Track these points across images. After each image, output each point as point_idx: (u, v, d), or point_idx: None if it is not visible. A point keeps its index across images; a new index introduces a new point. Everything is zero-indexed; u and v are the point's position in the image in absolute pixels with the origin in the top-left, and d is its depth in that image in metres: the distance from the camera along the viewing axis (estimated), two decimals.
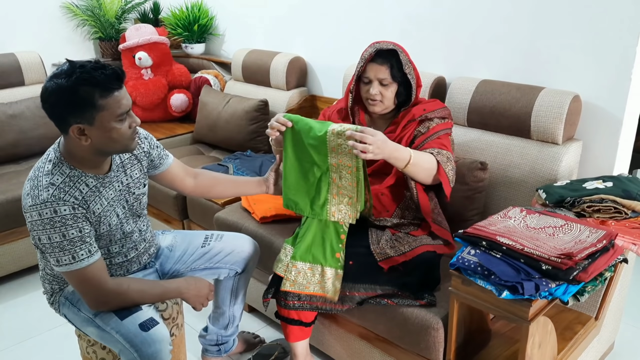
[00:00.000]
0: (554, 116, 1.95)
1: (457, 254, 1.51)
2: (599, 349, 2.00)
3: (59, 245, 1.44)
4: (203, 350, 2.11)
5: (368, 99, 1.90)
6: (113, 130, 1.45)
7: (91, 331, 1.59)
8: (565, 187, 1.77)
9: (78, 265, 1.46)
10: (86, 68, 1.38)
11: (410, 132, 1.90)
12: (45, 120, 3.07)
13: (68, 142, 1.48)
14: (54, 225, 1.42)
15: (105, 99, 1.40)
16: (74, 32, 3.69)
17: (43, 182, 1.45)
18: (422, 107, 1.92)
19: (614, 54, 1.92)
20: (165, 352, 1.53)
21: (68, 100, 1.38)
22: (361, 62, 1.87)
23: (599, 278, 1.49)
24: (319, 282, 1.76)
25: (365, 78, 1.88)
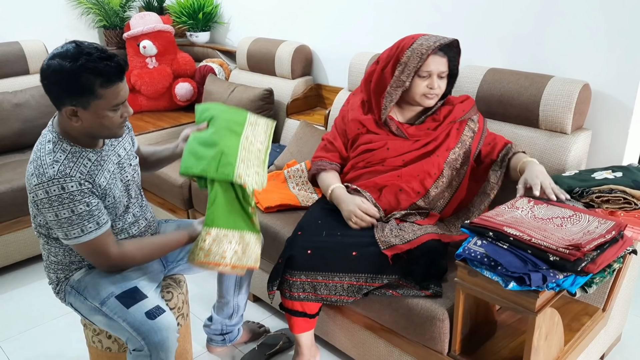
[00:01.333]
0: (563, 105, 1.92)
1: (464, 244, 1.49)
2: (606, 340, 1.98)
3: (68, 220, 1.45)
4: (208, 340, 2.11)
5: (426, 93, 1.86)
6: (105, 117, 1.47)
7: (98, 320, 1.60)
8: (574, 178, 1.75)
9: (87, 237, 1.48)
10: (92, 56, 1.38)
11: (453, 132, 1.92)
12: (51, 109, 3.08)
13: (61, 120, 1.50)
14: (62, 202, 1.43)
15: (105, 89, 1.41)
16: (79, 20, 3.68)
17: (47, 160, 1.45)
18: (461, 108, 1.94)
19: (624, 41, 1.89)
20: (172, 340, 1.54)
21: (69, 83, 1.38)
22: (418, 56, 1.81)
23: (608, 269, 1.47)
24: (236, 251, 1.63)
25: (425, 72, 1.83)
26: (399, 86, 1.86)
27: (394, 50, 1.90)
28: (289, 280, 1.78)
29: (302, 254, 1.77)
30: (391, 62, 1.88)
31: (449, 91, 1.97)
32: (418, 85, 1.85)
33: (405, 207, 1.91)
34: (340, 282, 1.77)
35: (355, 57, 2.59)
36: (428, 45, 1.81)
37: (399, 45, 1.89)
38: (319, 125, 2.75)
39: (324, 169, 2.03)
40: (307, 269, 1.76)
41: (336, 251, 1.77)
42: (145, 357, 1.51)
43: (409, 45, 1.84)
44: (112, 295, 1.56)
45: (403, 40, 1.89)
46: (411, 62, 1.82)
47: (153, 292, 1.63)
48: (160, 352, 1.51)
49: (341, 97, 2.66)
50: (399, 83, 1.86)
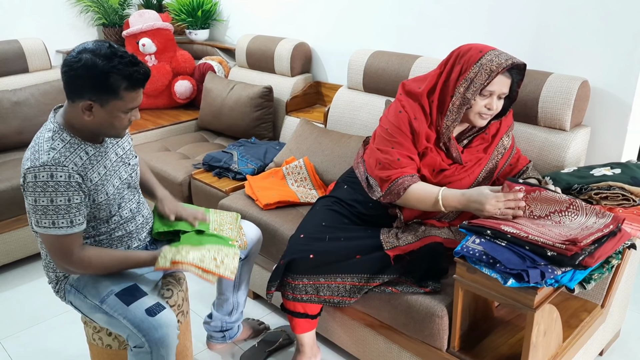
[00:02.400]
0: (562, 102, 1.92)
1: (462, 242, 1.49)
2: (604, 336, 1.99)
3: (44, 209, 1.46)
4: (208, 337, 2.11)
5: (482, 113, 1.72)
6: (117, 118, 1.51)
7: (99, 317, 1.60)
8: (573, 174, 1.75)
9: (55, 231, 1.48)
10: (124, 60, 1.44)
11: (495, 145, 1.85)
12: (50, 107, 3.10)
13: (71, 111, 1.51)
14: (45, 189, 1.44)
15: (128, 92, 1.47)
16: (78, 18, 3.67)
17: (44, 147, 1.47)
18: (506, 124, 1.85)
19: (623, 38, 1.89)
20: (173, 337, 1.54)
21: (97, 80, 1.43)
22: (487, 73, 1.64)
23: (606, 265, 1.48)
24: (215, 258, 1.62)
25: (487, 92, 1.68)
26: (464, 104, 1.70)
27: (461, 63, 1.71)
28: (290, 284, 1.77)
29: (304, 258, 1.76)
30: (457, 75, 1.70)
31: (504, 113, 1.83)
32: (477, 103, 1.70)
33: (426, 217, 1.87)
34: (342, 283, 1.77)
35: (355, 54, 2.59)
36: (499, 62, 1.65)
37: (465, 56, 1.70)
38: (319, 122, 2.75)
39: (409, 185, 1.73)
40: (309, 272, 1.76)
41: (339, 255, 1.76)
42: (146, 354, 1.52)
43: (476, 60, 1.67)
44: (111, 293, 1.57)
45: (470, 51, 1.70)
46: (478, 79, 1.65)
47: (153, 290, 1.63)
48: (160, 348, 1.52)
49: (341, 94, 2.66)
50: (463, 101, 1.69)
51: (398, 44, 2.61)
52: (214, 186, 2.54)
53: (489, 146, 1.85)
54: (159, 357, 1.52)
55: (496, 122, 1.86)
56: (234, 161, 2.62)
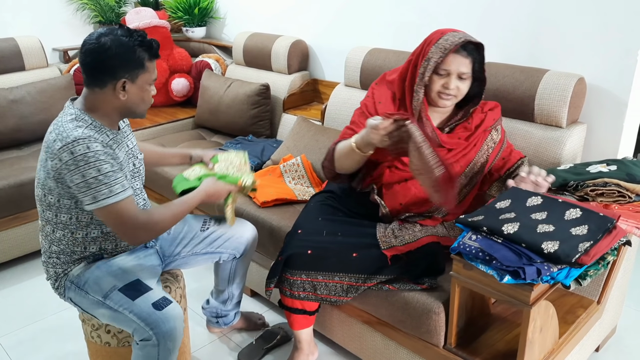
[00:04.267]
0: (558, 99, 1.93)
1: (459, 239, 1.50)
2: (601, 332, 2.00)
3: (95, 180, 1.46)
4: (207, 320, 2.18)
5: (440, 92, 1.76)
6: (146, 92, 1.60)
7: (102, 313, 1.61)
8: (569, 171, 1.75)
9: (115, 198, 1.48)
10: (140, 33, 1.55)
11: (482, 139, 1.86)
12: (46, 106, 3.10)
13: (98, 97, 1.55)
14: (88, 161, 1.45)
15: (151, 62, 1.58)
16: (74, 16, 3.66)
17: (70, 126, 1.50)
18: (492, 117, 1.86)
19: (619, 35, 1.89)
20: (180, 330, 1.57)
21: (127, 56, 1.51)
22: (439, 52, 1.70)
23: (602, 262, 1.48)
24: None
25: (443, 70, 1.72)
26: (422, 83, 1.76)
27: (424, 46, 1.79)
28: (289, 280, 1.78)
29: (302, 253, 1.77)
30: (420, 57, 1.77)
31: (478, 96, 1.84)
32: (434, 82, 1.75)
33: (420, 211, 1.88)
34: (340, 282, 1.77)
35: (352, 51, 2.59)
36: (452, 41, 1.70)
37: (427, 39, 1.79)
38: (316, 120, 2.75)
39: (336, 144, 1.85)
40: (307, 268, 1.77)
41: (337, 252, 1.77)
42: (153, 346, 1.54)
43: (435, 40, 1.73)
44: (115, 289, 1.59)
45: (433, 34, 1.78)
46: (433, 58, 1.72)
47: (156, 285, 1.65)
48: (168, 341, 1.54)
49: (338, 91, 2.66)
50: (422, 80, 1.76)
51: (395, 41, 2.61)
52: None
53: (471, 135, 1.85)
54: (165, 349, 1.55)
55: (481, 113, 1.86)
56: None
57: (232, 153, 1.98)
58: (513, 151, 1.91)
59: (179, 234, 1.88)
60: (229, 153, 1.98)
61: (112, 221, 1.53)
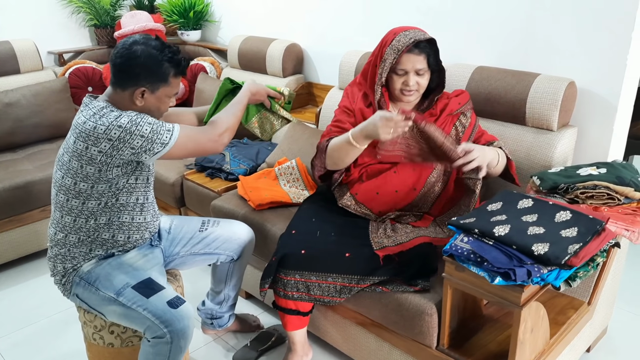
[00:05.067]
0: (549, 103, 1.95)
1: (451, 241, 1.52)
2: (591, 333, 2.02)
3: (153, 131, 1.58)
4: (202, 322, 2.20)
5: (403, 90, 1.85)
6: (163, 103, 1.69)
7: (112, 310, 1.64)
8: (559, 174, 1.78)
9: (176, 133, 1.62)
10: (172, 49, 1.65)
11: (448, 125, 1.92)
12: (41, 108, 3.11)
13: (120, 97, 1.65)
14: (137, 123, 1.57)
15: (176, 78, 1.67)
16: (69, 19, 3.67)
17: (105, 111, 1.60)
18: (457, 101, 1.94)
19: (609, 40, 1.92)
20: (191, 329, 1.62)
21: (152, 68, 1.61)
22: (393, 53, 1.80)
23: (591, 264, 1.50)
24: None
25: (401, 70, 1.82)
26: (380, 83, 1.87)
27: (379, 47, 1.88)
28: (283, 280, 1.80)
29: (296, 253, 1.78)
30: (378, 58, 1.87)
31: (440, 86, 1.93)
32: (395, 81, 1.85)
33: (401, 207, 1.92)
34: (333, 283, 1.79)
35: (346, 55, 2.61)
36: (404, 42, 1.79)
37: (383, 40, 1.88)
38: (310, 123, 2.77)
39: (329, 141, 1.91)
40: (301, 268, 1.78)
41: (330, 252, 1.79)
42: (166, 344, 1.58)
43: (390, 42, 1.82)
44: (128, 286, 1.62)
45: (387, 35, 1.87)
46: (388, 59, 1.82)
47: (167, 283, 1.69)
48: (181, 339, 1.59)
49: (332, 94, 2.68)
50: (379, 79, 1.86)
51: None
52: (206, 187, 2.55)
53: (437, 119, 1.93)
54: (177, 347, 1.59)
55: (444, 99, 1.95)
56: (226, 162, 2.64)
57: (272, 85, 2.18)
58: (485, 133, 1.97)
59: (178, 234, 1.91)
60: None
61: (190, 147, 1.67)
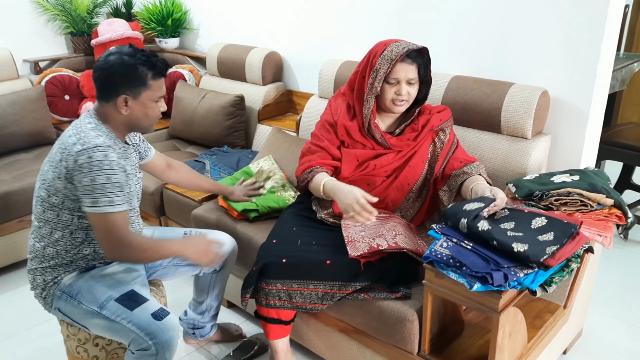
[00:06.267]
0: (524, 111, 2.00)
1: (431, 247, 1.55)
2: (567, 335, 2.08)
3: (102, 187, 1.54)
4: (183, 332, 2.20)
5: (394, 100, 1.88)
6: (150, 108, 1.67)
7: (96, 323, 1.63)
8: (534, 181, 1.82)
9: (113, 209, 1.56)
10: (146, 53, 1.64)
11: (429, 141, 1.97)
12: (17, 118, 3.07)
13: (106, 110, 1.65)
14: (102, 167, 1.54)
15: (155, 81, 1.64)
16: (45, 27, 3.63)
17: (91, 134, 1.59)
18: (438, 117, 1.97)
19: (580, 51, 1.98)
20: (176, 340, 1.63)
21: (127, 74, 1.60)
22: (387, 63, 1.83)
23: (566, 269, 1.55)
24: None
25: (393, 79, 1.85)
26: (374, 93, 1.89)
27: (370, 58, 1.91)
28: (264, 289, 1.80)
29: (277, 262, 1.79)
30: (367, 69, 1.90)
31: (424, 97, 1.97)
32: (387, 91, 1.88)
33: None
34: (315, 290, 1.80)
35: (325, 64, 2.64)
36: (397, 52, 1.83)
37: (372, 51, 1.91)
38: (291, 131, 2.79)
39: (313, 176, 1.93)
40: (282, 277, 1.79)
41: (311, 260, 1.80)
42: (151, 356, 1.57)
43: (381, 52, 1.86)
44: (111, 299, 1.61)
45: (376, 46, 1.91)
46: (381, 69, 1.84)
47: (150, 295, 1.69)
48: (166, 351, 1.59)
49: (312, 102, 2.70)
50: (372, 90, 1.88)
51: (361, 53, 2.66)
52: (186, 196, 2.55)
53: (418, 135, 1.97)
54: (162, 359, 1.59)
55: (426, 114, 1.98)
56: (207, 170, 2.64)
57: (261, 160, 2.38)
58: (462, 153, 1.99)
59: None
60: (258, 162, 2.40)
61: (101, 228, 1.58)
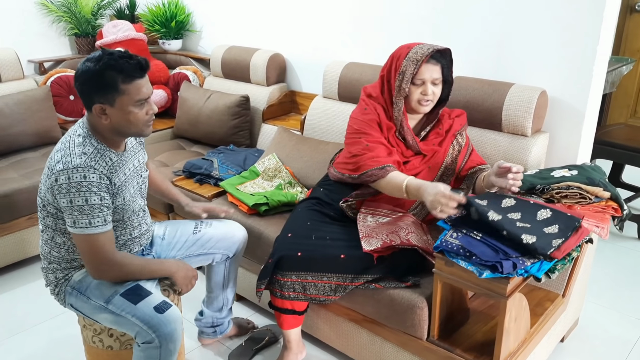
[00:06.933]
0: (523, 110, 2.10)
1: (440, 237, 1.64)
2: (565, 323, 2.18)
3: (79, 209, 1.54)
4: (199, 333, 2.22)
5: (420, 100, 1.94)
6: (131, 113, 1.58)
7: (104, 317, 1.67)
8: (535, 176, 1.92)
9: (92, 230, 1.56)
10: (114, 56, 1.54)
11: (450, 143, 2.05)
12: (24, 117, 3.11)
13: (91, 119, 1.62)
14: (79, 189, 1.53)
15: (127, 84, 1.54)
16: (50, 28, 3.67)
17: (75, 151, 1.57)
18: (458, 122, 2.05)
19: (576, 53, 2.08)
20: (179, 332, 1.64)
21: (94, 82, 1.54)
22: (413, 64, 1.89)
23: (567, 257, 1.65)
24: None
25: (419, 80, 1.91)
26: (402, 95, 1.94)
27: (393, 61, 1.97)
28: (279, 281, 1.88)
29: (292, 255, 1.86)
30: (393, 72, 1.96)
31: (447, 97, 2.03)
32: (413, 92, 1.93)
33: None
34: (328, 282, 1.88)
35: (330, 65, 2.72)
36: (422, 52, 1.89)
37: (395, 55, 1.97)
38: (295, 130, 2.87)
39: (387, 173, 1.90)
40: (297, 269, 1.86)
41: (325, 254, 1.87)
42: (155, 348, 1.60)
43: (405, 55, 1.92)
44: (116, 293, 1.64)
45: (399, 49, 1.97)
46: (408, 71, 1.90)
47: (155, 289, 1.71)
48: (169, 343, 1.60)
49: (317, 102, 2.78)
50: (400, 92, 1.94)
51: (365, 56, 2.76)
52: (196, 192, 2.61)
53: (443, 140, 2.04)
54: (167, 350, 1.61)
55: (446, 118, 2.05)
56: (215, 168, 2.71)
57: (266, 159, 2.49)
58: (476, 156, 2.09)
59: (173, 239, 1.96)
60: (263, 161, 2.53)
61: (83, 248, 1.60)
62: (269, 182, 2.51)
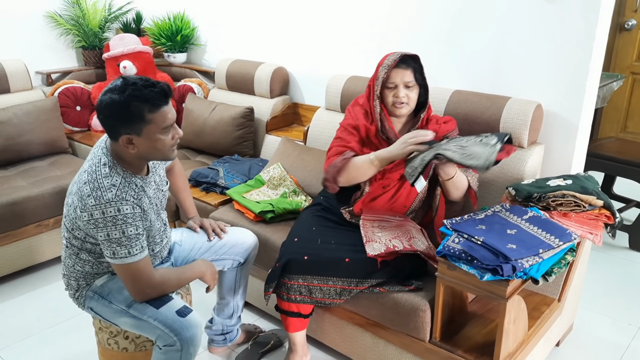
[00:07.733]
0: (520, 123, 2.20)
1: (443, 242, 1.72)
2: (561, 327, 2.26)
3: (117, 241, 1.56)
4: (209, 341, 2.25)
5: (394, 103, 2.03)
6: (158, 141, 1.59)
7: (124, 321, 1.71)
8: (532, 185, 2.01)
9: (132, 259, 1.59)
10: (137, 85, 1.52)
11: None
12: (32, 127, 3.19)
13: (116, 148, 1.62)
14: (115, 222, 1.55)
15: (153, 113, 1.54)
16: (58, 40, 3.76)
17: (104, 183, 1.57)
18: (445, 128, 2.12)
19: (570, 68, 2.19)
20: (200, 336, 1.68)
21: (120, 114, 1.53)
22: (384, 69, 2.01)
23: (563, 261, 1.74)
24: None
25: (391, 84, 2.02)
26: (377, 98, 2.05)
27: (375, 70, 2.08)
28: (286, 284, 1.95)
29: (299, 259, 1.94)
30: (373, 79, 2.08)
31: (425, 101, 2.10)
32: (387, 95, 2.03)
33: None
34: (334, 287, 1.95)
35: (332, 78, 2.82)
36: (392, 58, 2.01)
37: (378, 64, 2.08)
38: (298, 140, 2.96)
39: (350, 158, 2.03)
40: (304, 272, 1.94)
41: (331, 258, 1.95)
42: (177, 351, 1.64)
43: (381, 63, 2.05)
44: None
45: (382, 59, 2.08)
46: (380, 75, 2.03)
47: (175, 294, 1.77)
48: (190, 346, 1.65)
49: (319, 114, 2.87)
50: (376, 95, 2.06)
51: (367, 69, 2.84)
52: (203, 200, 2.69)
53: None
54: (187, 354, 1.66)
55: (436, 125, 2.13)
56: (221, 177, 2.79)
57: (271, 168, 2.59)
58: None
59: (189, 246, 2.02)
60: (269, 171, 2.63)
61: (125, 277, 1.63)
62: (274, 190, 2.59)
